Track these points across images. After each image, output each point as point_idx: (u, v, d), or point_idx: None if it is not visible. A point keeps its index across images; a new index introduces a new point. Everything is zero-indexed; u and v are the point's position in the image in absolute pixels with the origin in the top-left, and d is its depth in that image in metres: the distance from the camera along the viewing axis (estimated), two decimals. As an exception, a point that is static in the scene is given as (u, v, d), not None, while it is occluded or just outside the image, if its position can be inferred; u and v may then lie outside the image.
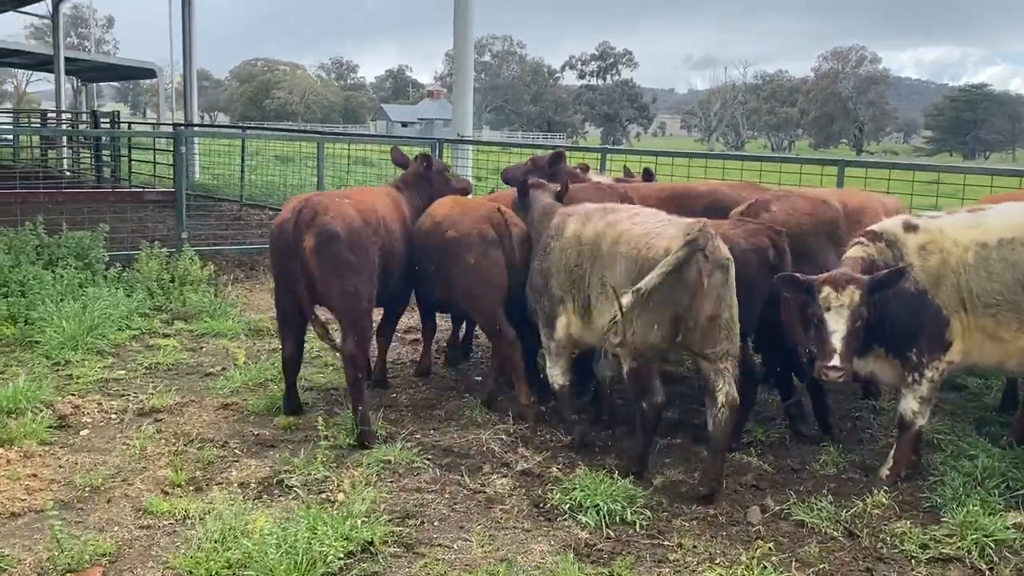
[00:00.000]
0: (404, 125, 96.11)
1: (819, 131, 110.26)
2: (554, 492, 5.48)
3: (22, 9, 31.13)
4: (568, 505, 5.31)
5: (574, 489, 5.42)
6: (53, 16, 29.49)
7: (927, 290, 5.59)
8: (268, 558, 4.33)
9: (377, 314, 7.39)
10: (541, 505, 5.41)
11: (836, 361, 5.34)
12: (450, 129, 14.91)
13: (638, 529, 5.15)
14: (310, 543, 4.46)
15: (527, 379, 6.97)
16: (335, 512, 4.94)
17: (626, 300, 5.38)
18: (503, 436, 6.54)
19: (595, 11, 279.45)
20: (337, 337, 6.61)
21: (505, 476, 5.82)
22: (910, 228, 5.75)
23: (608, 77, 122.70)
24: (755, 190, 7.79)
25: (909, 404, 5.78)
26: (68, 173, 23.35)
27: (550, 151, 8.86)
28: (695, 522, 5.29)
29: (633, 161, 13.23)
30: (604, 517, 5.19)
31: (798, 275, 5.58)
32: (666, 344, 5.65)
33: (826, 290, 5.38)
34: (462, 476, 5.78)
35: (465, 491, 5.58)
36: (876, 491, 5.56)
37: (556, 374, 6.55)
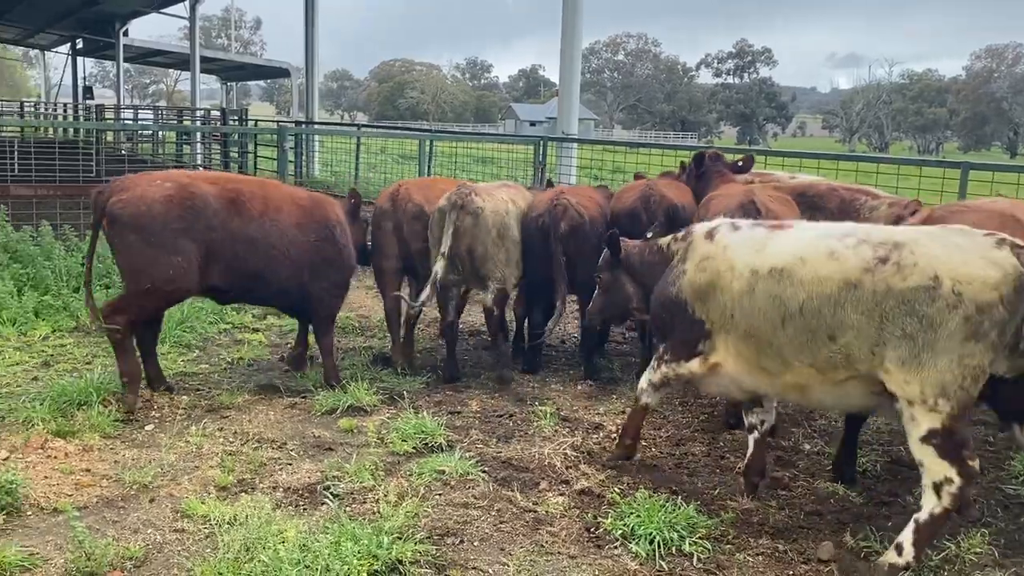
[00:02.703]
0: (532, 124, 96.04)
1: (969, 133, 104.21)
2: (608, 516, 5.09)
3: (164, 11, 32.58)
4: (620, 531, 4.91)
5: (630, 514, 5.01)
6: (190, 17, 30.68)
7: (687, 301, 5.35)
8: (283, 574, 4.12)
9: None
10: (593, 529, 5.01)
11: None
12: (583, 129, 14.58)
13: (695, 562, 4.70)
14: (329, 560, 4.22)
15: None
16: (368, 526, 4.69)
17: (440, 265, 7.35)
18: (568, 451, 6.18)
19: (734, 8, 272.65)
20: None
21: (562, 495, 5.46)
22: (709, 237, 5.37)
23: (745, 75, 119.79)
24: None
25: (640, 382, 5.83)
26: (201, 168, 24.18)
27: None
28: (760, 557, 4.80)
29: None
30: (658, 546, 4.76)
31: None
32: (454, 275, 7.60)
33: None
34: (515, 492, 5.44)
35: (515, 509, 5.25)
36: (973, 533, 4.94)
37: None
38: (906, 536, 4.54)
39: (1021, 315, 4.40)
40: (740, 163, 8.45)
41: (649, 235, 6.56)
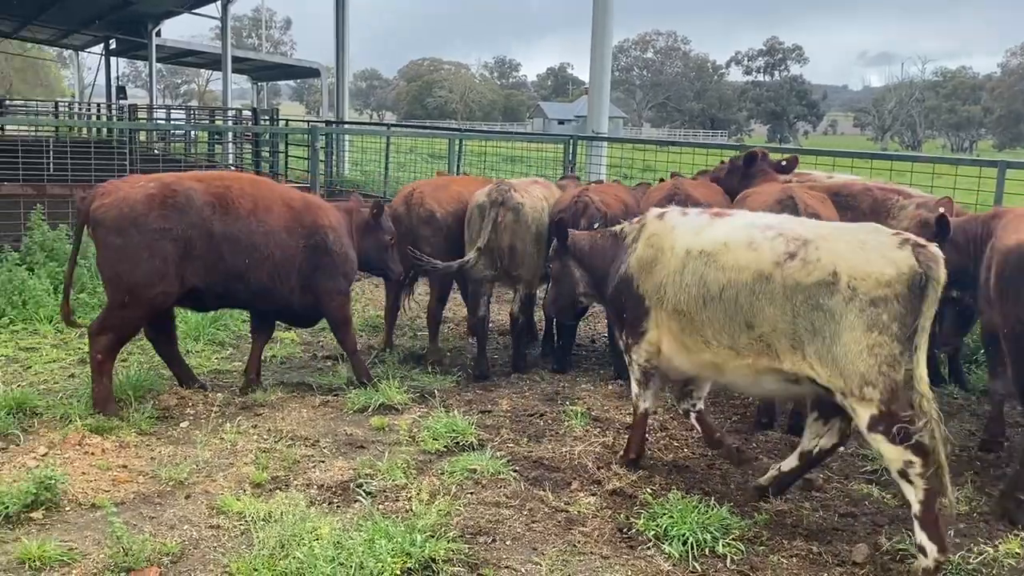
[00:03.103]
0: (561, 123, 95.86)
1: (1004, 131, 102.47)
2: (641, 516, 5.07)
3: (196, 11, 32.91)
4: (653, 532, 4.89)
5: (662, 515, 4.99)
6: (222, 18, 30.96)
7: (633, 276, 5.61)
8: (318, 571, 4.15)
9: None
10: (625, 530, 5.00)
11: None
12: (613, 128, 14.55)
13: (728, 564, 4.68)
14: (363, 558, 4.25)
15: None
16: (401, 524, 4.72)
17: (472, 254, 7.61)
18: (599, 450, 6.18)
19: (764, 6, 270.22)
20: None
21: (594, 495, 5.45)
22: (660, 218, 5.66)
23: (776, 73, 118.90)
24: None
25: (632, 387, 5.88)
26: (233, 168, 24.37)
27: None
28: (795, 559, 4.77)
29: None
30: (692, 548, 4.74)
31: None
32: (491, 271, 7.79)
33: None
34: (546, 492, 5.45)
35: (546, 508, 5.25)
36: (1011, 538, 4.88)
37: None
38: (920, 536, 4.57)
39: (920, 312, 4.57)
40: (784, 163, 8.41)
41: (596, 225, 6.88)
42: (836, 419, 5.16)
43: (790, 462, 5.44)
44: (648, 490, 5.45)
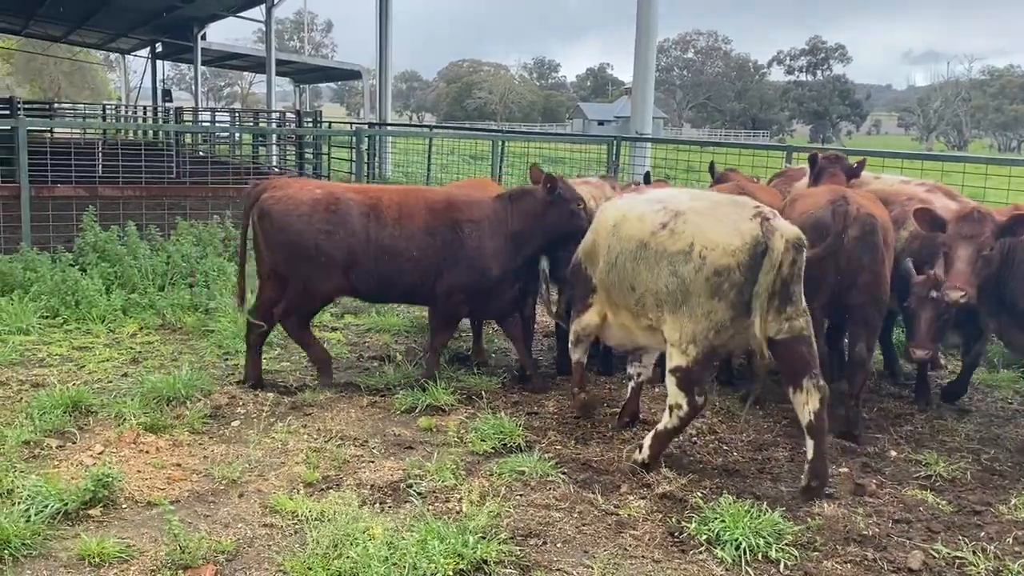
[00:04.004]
0: (601, 123, 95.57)
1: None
2: (692, 520, 5.04)
3: (240, 15, 33.30)
4: (705, 536, 4.86)
5: (714, 519, 4.96)
6: (266, 21, 31.31)
7: (580, 259, 6.34)
8: (372, 571, 4.18)
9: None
10: (677, 534, 4.98)
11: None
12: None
13: (782, 569, 4.63)
14: (416, 558, 4.27)
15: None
16: (453, 525, 4.73)
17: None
18: (648, 453, 6.14)
19: (807, 5, 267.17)
20: None
21: (643, 498, 5.43)
22: (603, 209, 6.28)
23: (818, 72, 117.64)
24: None
25: (569, 341, 6.68)
26: (276, 169, 24.60)
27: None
28: (848, 565, 4.71)
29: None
30: (744, 552, 4.71)
31: None
32: None
33: None
34: (596, 494, 5.43)
35: (597, 511, 5.24)
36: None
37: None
38: (647, 441, 5.76)
39: (757, 279, 5.15)
40: (855, 165, 8.39)
41: None
42: (804, 379, 5.42)
43: (809, 447, 5.52)
44: (699, 494, 5.42)
